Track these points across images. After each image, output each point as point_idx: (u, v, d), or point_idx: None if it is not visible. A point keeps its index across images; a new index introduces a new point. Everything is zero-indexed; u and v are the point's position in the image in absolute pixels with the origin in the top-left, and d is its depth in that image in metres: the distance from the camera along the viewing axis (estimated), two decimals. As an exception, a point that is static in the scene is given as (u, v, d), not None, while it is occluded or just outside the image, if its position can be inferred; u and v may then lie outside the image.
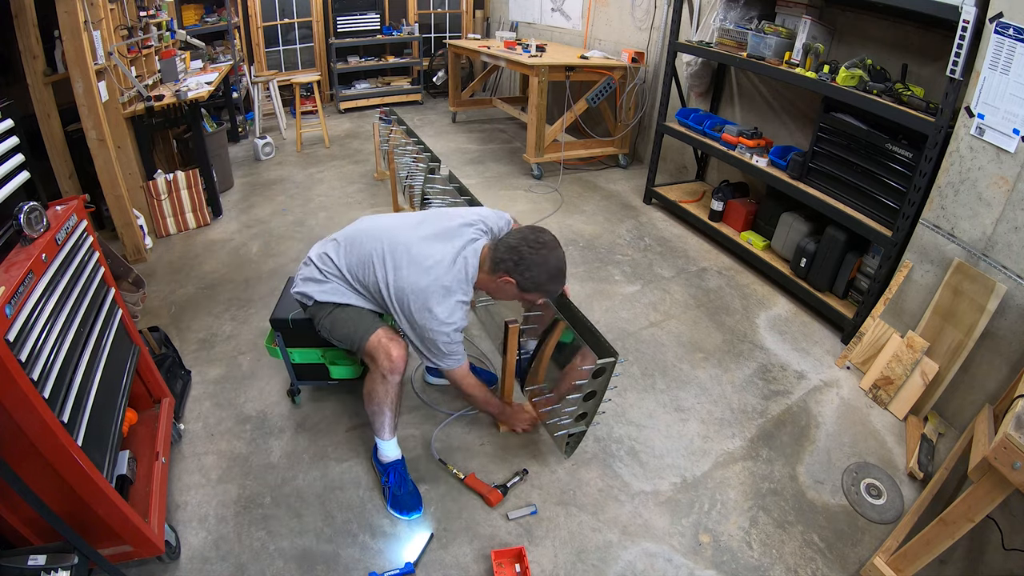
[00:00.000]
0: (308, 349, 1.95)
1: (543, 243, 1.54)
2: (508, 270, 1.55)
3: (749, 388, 2.28)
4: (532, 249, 1.53)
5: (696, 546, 1.66)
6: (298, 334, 1.90)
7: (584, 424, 1.79)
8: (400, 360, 1.62)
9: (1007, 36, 1.81)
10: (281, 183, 4.22)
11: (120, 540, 1.36)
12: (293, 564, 1.56)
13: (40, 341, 1.16)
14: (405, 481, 1.75)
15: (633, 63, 4.20)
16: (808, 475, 1.91)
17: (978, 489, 1.29)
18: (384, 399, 1.67)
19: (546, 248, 1.54)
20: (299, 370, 2.02)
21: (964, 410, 2.09)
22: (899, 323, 2.30)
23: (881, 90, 2.31)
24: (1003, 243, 1.92)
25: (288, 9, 5.87)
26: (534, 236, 1.55)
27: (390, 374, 1.62)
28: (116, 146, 2.92)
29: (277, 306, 1.94)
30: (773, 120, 3.39)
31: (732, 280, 3.04)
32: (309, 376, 2.04)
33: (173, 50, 4.01)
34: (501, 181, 4.28)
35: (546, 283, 1.56)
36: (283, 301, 1.95)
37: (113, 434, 1.44)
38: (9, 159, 1.28)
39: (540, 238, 1.55)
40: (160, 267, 3.06)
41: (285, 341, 1.93)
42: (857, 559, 1.63)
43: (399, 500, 1.71)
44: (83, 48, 2.56)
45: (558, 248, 1.58)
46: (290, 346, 1.95)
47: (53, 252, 1.31)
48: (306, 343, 1.93)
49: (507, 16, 6.33)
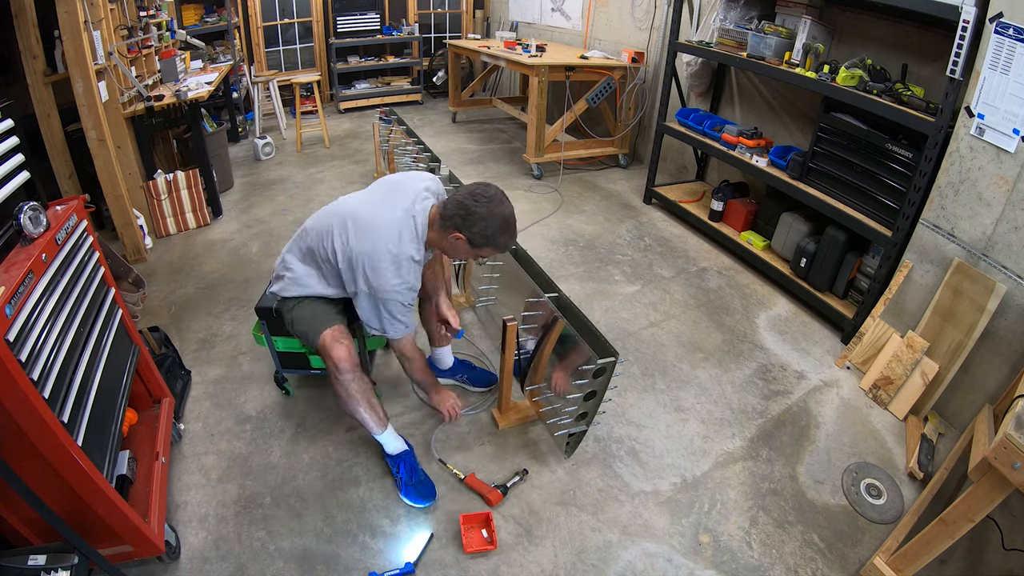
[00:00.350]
0: (292, 338, 1.97)
1: (489, 197, 1.54)
2: (456, 226, 1.55)
3: (749, 388, 2.28)
4: (478, 203, 1.53)
5: (696, 546, 1.66)
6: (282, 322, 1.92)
7: (584, 424, 1.79)
8: (342, 360, 1.63)
9: (1007, 36, 1.81)
10: (281, 183, 4.22)
11: (120, 540, 1.36)
12: (293, 564, 1.56)
13: (40, 341, 1.16)
14: (415, 471, 1.77)
15: (633, 63, 4.20)
16: (808, 475, 1.91)
17: (978, 489, 1.29)
18: (347, 398, 1.67)
19: (492, 201, 1.54)
20: (283, 358, 2.05)
21: (964, 410, 2.09)
22: (899, 323, 2.30)
23: (881, 90, 2.31)
24: (1003, 243, 1.92)
25: (288, 9, 5.87)
26: (480, 191, 1.55)
27: (339, 374, 1.64)
28: (116, 146, 2.92)
29: (263, 296, 1.96)
30: (773, 120, 3.40)
31: (732, 280, 3.04)
32: (293, 365, 2.08)
33: (173, 50, 4.01)
34: (501, 181, 4.28)
35: (495, 236, 1.56)
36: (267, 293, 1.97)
37: (113, 434, 1.43)
38: (9, 159, 1.28)
39: (486, 192, 1.55)
40: (160, 267, 3.06)
41: (270, 329, 1.96)
42: (857, 559, 1.64)
43: (410, 489, 1.73)
44: (83, 48, 2.56)
45: (505, 201, 1.57)
46: (275, 334, 1.98)
47: (53, 252, 1.31)
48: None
49: (507, 16, 6.33)
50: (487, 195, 1.55)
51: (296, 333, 1.77)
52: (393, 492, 1.78)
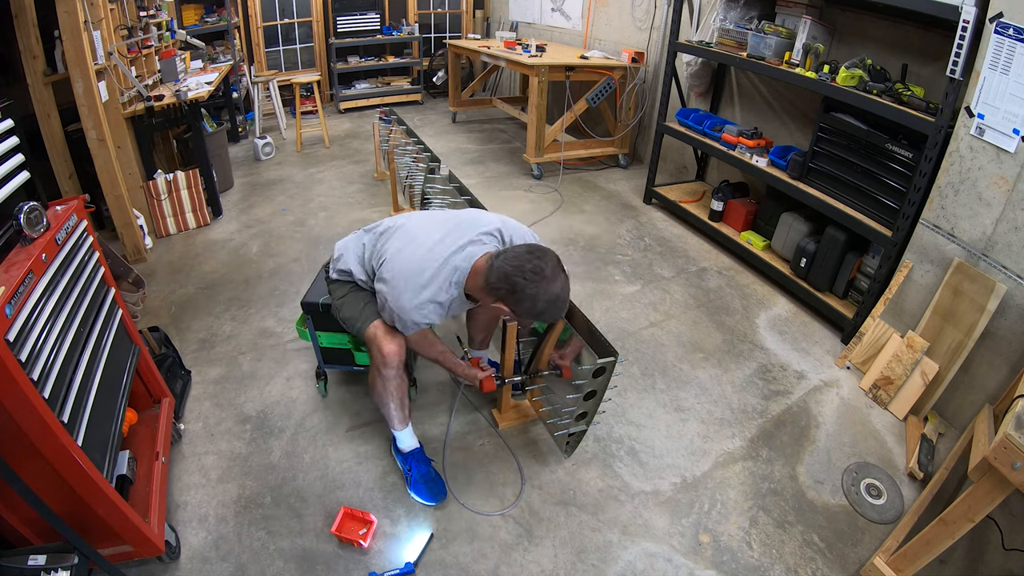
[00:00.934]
0: (335, 333, 1.99)
1: (540, 273, 1.38)
2: (501, 298, 1.45)
3: (749, 388, 2.28)
4: (527, 281, 1.38)
5: (696, 546, 1.66)
6: (327, 317, 1.92)
7: (584, 424, 1.79)
8: (392, 355, 1.60)
9: (1007, 36, 1.81)
10: (281, 183, 4.22)
11: (120, 540, 1.36)
12: (293, 564, 1.56)
13: (40, 341, 1.16)
14: (425, 468, 1.77)
15: (633, 63, 4.20)
16: (808, 475, 1.91)
17: (978, 489, 1.29)
18: (383, 392, 1.68)
19: (545, 280, 1.38)
20: (327, 354, 2.06)
21: (964, 410, 2.09)
22: (899, 323, 2.30)
23: (881, 90, 2.31)
24: (1003, 243, 1.92)
25: (288, 9, 5.87)
26: (532, 264, 1.39)
27: (383, 367, 1.62)
28: (116, 146, 2.92)
29: (309, 290, 1.99)
30: (773, 120, 3.39)
31: (732, 280, 3.04)
32: (335, 361, 2.09)
33: (173, 50, 4.01)
34: (501, 181, 4.28)
35: (543, 312, 1.44)
36: (316, 285, 2.00)
37: (113, 434, 1.43)
38: (9, 159, 1.28)
39: (538, 267, 1.39)
40: (160, 267, 3.06)
41: (315, 324, 1.97)
42: (857, 559, 1.64)
43: (420, 486, 1.74)
44: (83, 48, 2.56)
45: (559, 276, 1.42)
46: (319, 329, 1.99)
47: (53, 252, 1.31)
48: (334, 327, 1.95)
49: (507, 16, 6.33)
50: (538, 270, 1.38)
51: (343, 317, 1.71)
52: (393, 492, 1.78)
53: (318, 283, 1.98)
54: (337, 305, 1.74)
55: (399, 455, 1.82)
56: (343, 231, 3.43)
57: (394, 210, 3.62)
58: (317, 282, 2.01)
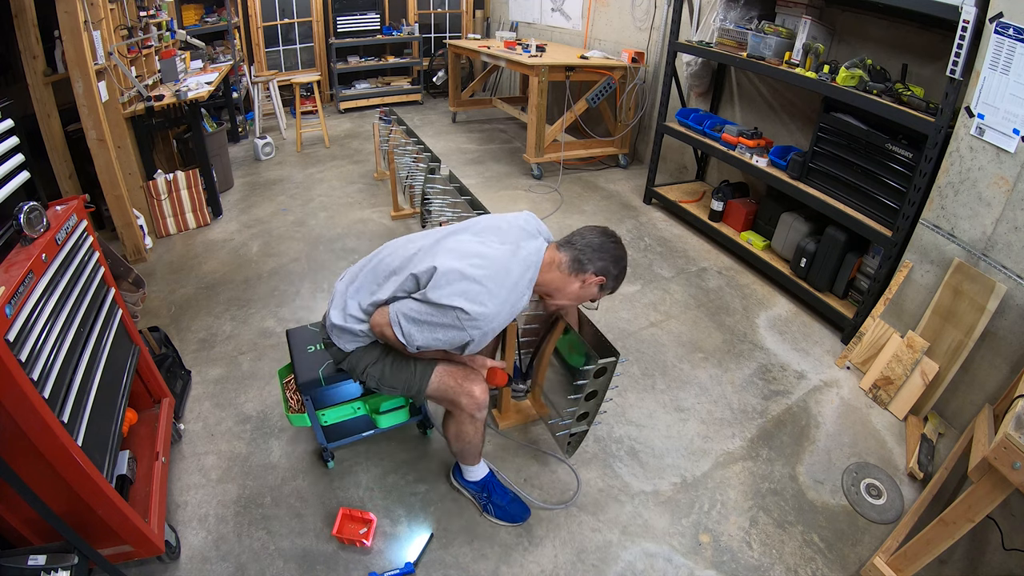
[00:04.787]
0: (340, 406, 1.76)
1: (617, 240, 1.48)
2: (600, 270, 1.43)
3: (749, 388, 2.28)
4: (616, 245, 1.46)
5: (696, 546, 1.66)
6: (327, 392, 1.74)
7: (585, 424, 1.79)
8: (484, 395, 1.50)
9: (1007, 36, 1.81)
10: (281, 183, 4.22)
11: (120, 540, 1.36)
12: (293, 564, 1.56)
13: (40, 341, 1.16)
14: (505, 492, 1.73)
15: (633, 63, 4.20)
16: (808, 475, 1.91)
17: (978, 489, 1.29)
18: (475, 436, 1.60)
19: (622, 246, 1.49)
20: (331, 432, 1.82)
21: (964, 410, 2.09)
22: (899, 323, 2.30)
23: (881, 90, 2.31)
24: (1003, 243, 1.92)
25: (288, 9, 5.87)
26: (606, 235, 1.48)
27: (477, 411, 1.51)
28: (116, 146, 2.92)
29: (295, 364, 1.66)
30: (773, 120, 3.39)
31: (732, 280, 3.04)
32: (343, 435, 1.82)
33: (173, 50, 4.01)
34: (501, 181, 4.28)
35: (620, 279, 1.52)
36: (298, 357, 1.67)
37: (113, 434, 1.43)
38: (9, 159, 1.28)
39: (615, 235, 1.49)
40: (160, 267, 3.06)
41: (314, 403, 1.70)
42: (857, 559, 1.63)
43: (506, 511, 1.70)
44: (83, 48, 2.56)
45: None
46: (320, 408, 1.74)
47: (53, 252, 1.31)
48: (335, 399, 1.79)
49: (507, 16, 6.33)
50: (615, 237, 1.48)
51: (390, 384, 1.51)
52: (393, 492, 1.78)
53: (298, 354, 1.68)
54: (374, 374, 1.50)
55: (470, 483, 1.74)
56: (343, 231, 3.43)
57: (394, 210, 3.62)
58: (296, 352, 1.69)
